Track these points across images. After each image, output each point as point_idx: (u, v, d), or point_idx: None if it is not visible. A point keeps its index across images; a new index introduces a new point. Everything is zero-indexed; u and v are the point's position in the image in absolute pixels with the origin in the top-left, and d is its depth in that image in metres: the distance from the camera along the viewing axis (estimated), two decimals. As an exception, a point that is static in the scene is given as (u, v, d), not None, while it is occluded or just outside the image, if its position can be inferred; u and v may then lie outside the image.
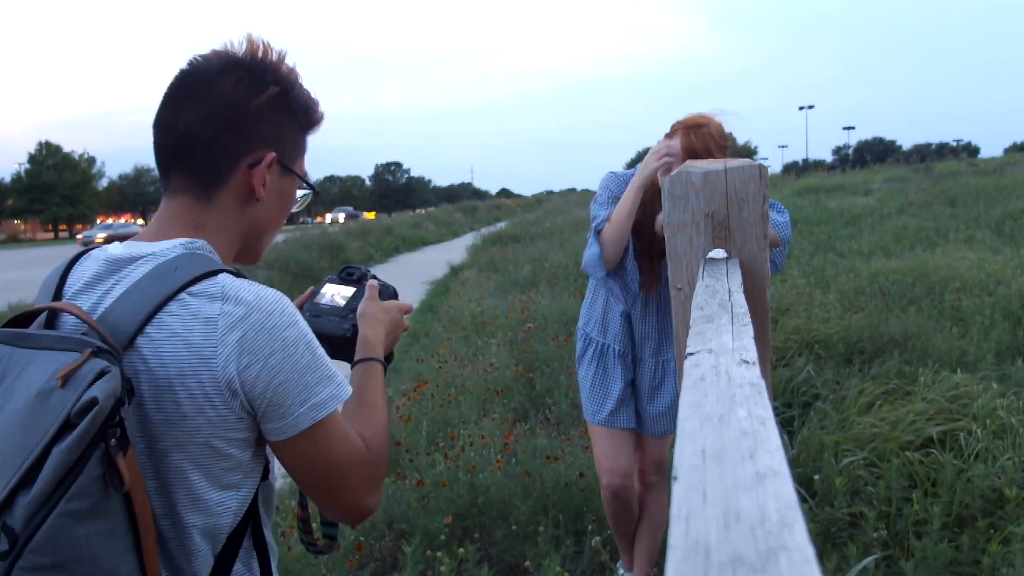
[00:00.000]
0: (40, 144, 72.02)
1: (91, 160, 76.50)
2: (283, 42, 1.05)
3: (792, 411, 4.05)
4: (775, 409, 3.04)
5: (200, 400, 0.90)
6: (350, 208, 72.34)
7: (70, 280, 0.98)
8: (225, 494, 0.95)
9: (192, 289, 0.91)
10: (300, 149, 1.08)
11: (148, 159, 1.02)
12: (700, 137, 2.24)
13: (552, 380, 4.84)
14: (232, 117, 0.99)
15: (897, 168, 24.96)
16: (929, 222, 11.31)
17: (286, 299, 0.97)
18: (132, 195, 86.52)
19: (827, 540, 2.85)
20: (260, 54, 1.02)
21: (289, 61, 1.05)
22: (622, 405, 2.50)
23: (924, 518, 2.80)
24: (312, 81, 1.15)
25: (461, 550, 2.80)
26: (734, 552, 0.40)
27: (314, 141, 1.16)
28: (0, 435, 0.81)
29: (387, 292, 1.34)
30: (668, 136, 2.33)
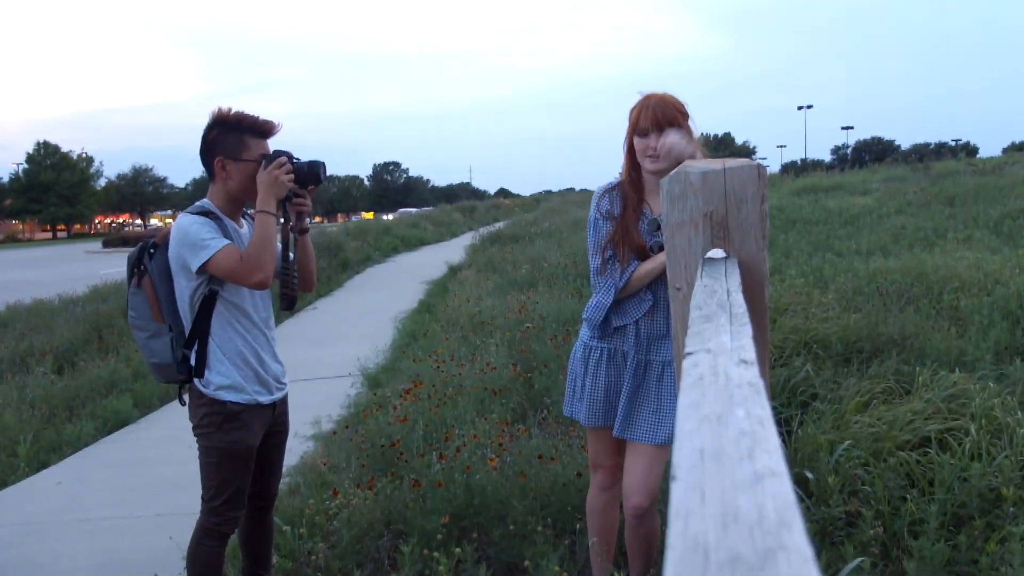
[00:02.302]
0: (38, 144, 71.96)
1: (89, 160, 76.42)
2: (282, 42, 1.06)
3: (790, 411, 4.05)
4: (773, 409, 3.03)
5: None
6: (412, 209, 66.42)
7: None
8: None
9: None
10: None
11: (146, 159, 1.02)
12: (663, 108, 2.39)
13: (550, 380, 4.83)
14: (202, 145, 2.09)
15: (895, 168, 24.97)
16: (927, 222, 11.33)
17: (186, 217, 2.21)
18: (130, 195, 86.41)
19: (824, 539, 2.85)
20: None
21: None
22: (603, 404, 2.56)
23: (921, 517, 2.80)
24: (311, 81, 1.15)
25: (458, 550, 2.80)
26: (733, 552, 0.39)
27: (313, 140, 1.16)
28: None
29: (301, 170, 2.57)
30: (637, 125, 2.44)
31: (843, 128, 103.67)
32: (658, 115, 2.37)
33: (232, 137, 2.48)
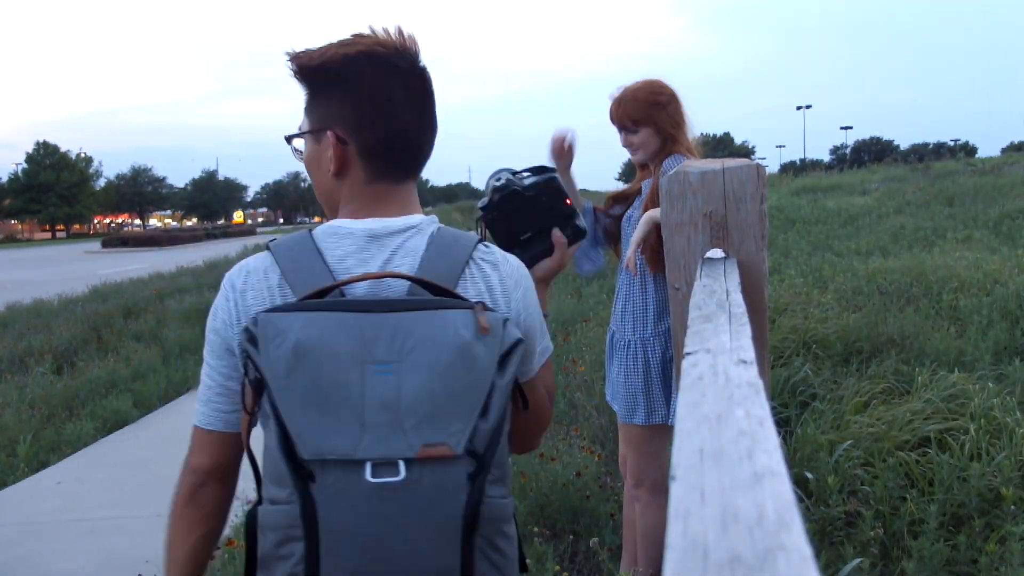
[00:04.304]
0: (38, 144, 71.94)
1: (88, 160, 76.42)
2: (282, 42, 1.08)
3: (790, 411, 4.05)
4: (772, 409, 3.04)
5: None
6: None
7: (331, 257, 1.08)
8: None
9: (476, 254, 1.11)
10: None
11: (145, 159, 1.04)
12: (625, 106, 2.46)
13: (550, 380, 4.83)
14: (433, 112, 1.15)
15: (895, 168, 24.97)
16: (927, 222, 11.33)
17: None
18: (130, 195, 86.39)
19: (823, 539, 2.85)
20: (406, 43, 1.12)
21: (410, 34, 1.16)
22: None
23: (921, 517, 2.80)
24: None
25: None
26: (732, 552, 0.40)
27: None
28: (433, 382, 0.94)
29: (576, 235, 1.44)
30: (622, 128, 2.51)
31: (842, 128, 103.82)
32: (619, 113, 2.48)
33: None
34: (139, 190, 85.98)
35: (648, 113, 2.41)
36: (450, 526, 0.91)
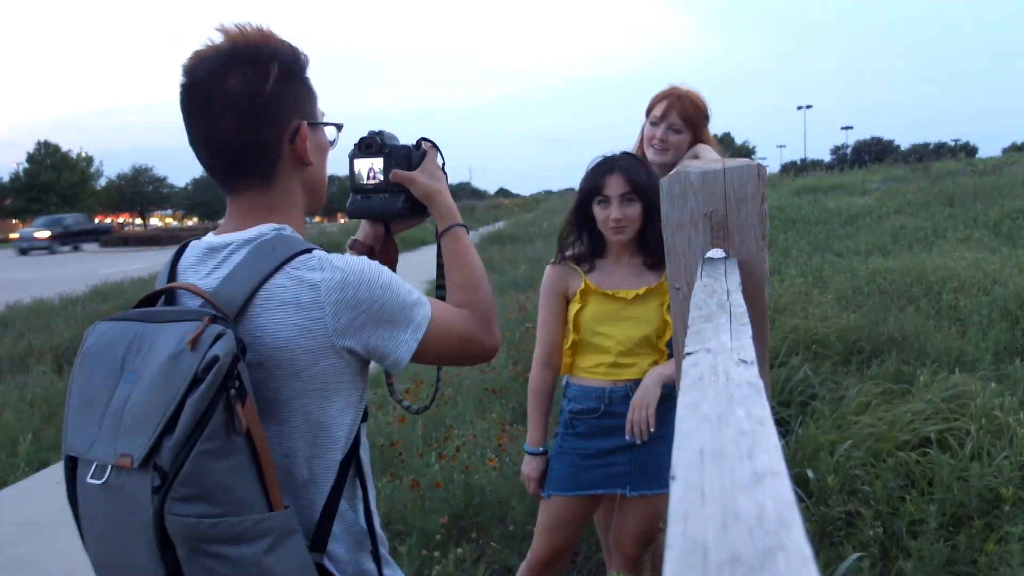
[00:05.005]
0: (39, 143, 71.93)
1: (89, 159, 76.43)
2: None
3: (790, 411, 4.05)
4: (773, 409, 3.04)
5: (313, 354, 1.06)
6: None
7: (180, 266, 1.15)
8: (336, 433, 1.11)
9: (293, 263, 1.06)
10: (313, 97, 1.17)
11: (146, 158, 1.06)
12: (684, 104, 2.35)
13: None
14: (257, 112, 1.08)
15: (895, 168, 24.98)
16: (927, 222, 11.33)
17: (369, 260, 1.13)
18: (130, 195, 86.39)
19: (824, 539, 2.85)
20: (243, 40, 1.08)
21: (260, 25, 1.11)
22: None
23: (921, 517, 2.80)
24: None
25: (459, 550, 2.80)
26: (732, 552, 0.39)
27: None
28: (144, 394, 0.97)
29: (418, 154, 1.36)
30: (651, 110, 2.39)
31: (843, 128, 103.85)
32: (678, 108, 2.35)
33: None
34: (140, 190, 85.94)
35: (697, 121, 2.37)
36: (145, 537, 0.95)
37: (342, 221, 46.77)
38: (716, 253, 1.25)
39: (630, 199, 2.14)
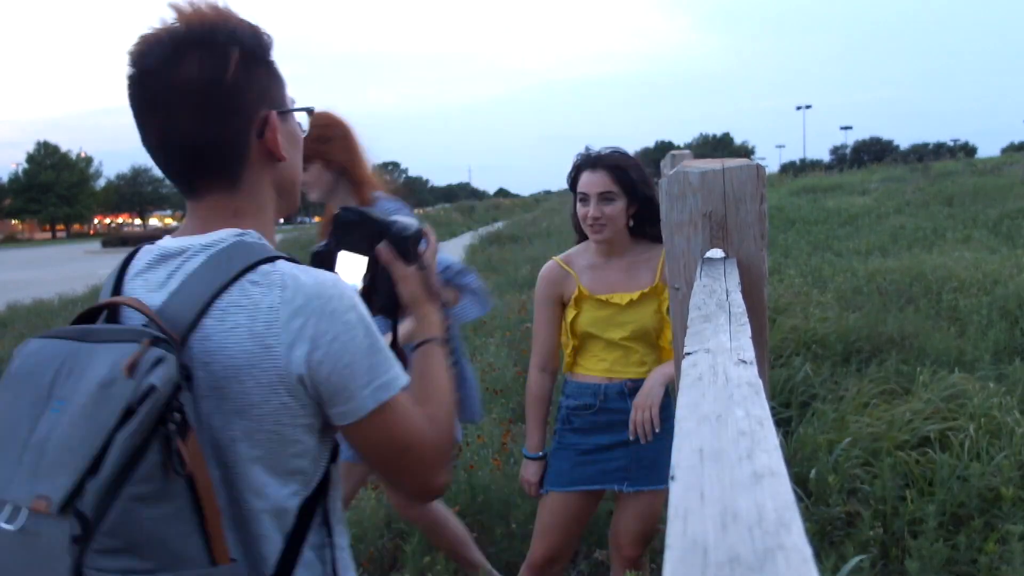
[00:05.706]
0: (39, 144, 71.94)
1: (88, 160, 76.43)
2: (280, 42, 1.04)
3: (789, 411, 4.05)
4: (772, 409, 3.04)
5: (266, 389, 0.90)
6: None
7: (128, 275, 1.00)
8: (292, 480, 0.95)
9: (251, 276, 0.91)
10: (280, 82, 1.02)
11: (145, 159, 1.01)
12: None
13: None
14: (217, 104, 0.93)
15: (894, 168, 24.96)
16: (926, 222, 11.33)
17: (344, 283, 0.96)
18: (129, 195, 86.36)
19: (823, 539, 2.85)
20: (198, 20, 0.93)
21: (215, 2, 0.96)
22: None
23: (920, 517, 2.81)
24: (309, 80, 1.07)
25: (459, 550, 2.80)
26: (732, 552, 0.40)
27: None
28: (69, 426, 0.82)
29: (404, 245, 1.13)
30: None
31: (842, 128, 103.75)
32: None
33: None
34: (139, 190, 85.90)
35: (314, 149, 2.23)
36: None
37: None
38: (715, 253, 1.25)
39: (609, 198, 2.11)
